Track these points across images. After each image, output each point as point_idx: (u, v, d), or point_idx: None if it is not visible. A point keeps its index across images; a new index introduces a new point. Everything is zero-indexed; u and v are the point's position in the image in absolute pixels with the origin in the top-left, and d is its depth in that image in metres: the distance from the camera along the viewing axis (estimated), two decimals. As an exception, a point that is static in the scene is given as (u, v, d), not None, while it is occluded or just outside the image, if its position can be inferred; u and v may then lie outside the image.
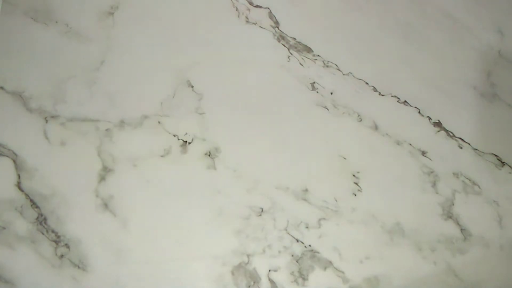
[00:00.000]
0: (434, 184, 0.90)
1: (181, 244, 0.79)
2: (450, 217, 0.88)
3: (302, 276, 0.83)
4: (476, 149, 0.93)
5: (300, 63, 0.96)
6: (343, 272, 0.83)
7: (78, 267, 0.81)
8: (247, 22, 0.99)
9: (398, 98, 0.96)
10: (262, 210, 0.85)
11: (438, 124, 0.94)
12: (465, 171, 0.92)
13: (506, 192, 0.91)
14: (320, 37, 0.99)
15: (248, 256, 0.83)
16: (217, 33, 0.98)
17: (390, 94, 0.96)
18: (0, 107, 0.91)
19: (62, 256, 0.83)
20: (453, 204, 0.89)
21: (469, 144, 0.94)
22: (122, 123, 0.90)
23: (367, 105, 0.95)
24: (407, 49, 1.00)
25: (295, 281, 0.83)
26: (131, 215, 0.84)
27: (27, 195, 0.86)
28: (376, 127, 0.93)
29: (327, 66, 0.97)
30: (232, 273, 0.83)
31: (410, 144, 0.92)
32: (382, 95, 0.96)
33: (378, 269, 0.83)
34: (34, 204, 0.85)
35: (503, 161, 0.93)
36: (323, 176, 0.89)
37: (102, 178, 0.87)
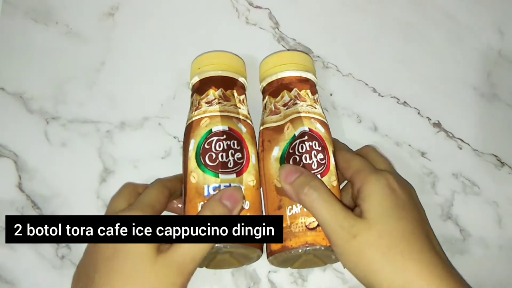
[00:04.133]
0: (433, 185, 0.90)
1: (181, 245, 0.78)
2: (449, 218, 0.88)
3: (301, 277, 0.83)
4: (475, 150, 0.93)
5: (300, 64, 0.96)
6: (342, 273, 0.83)
7: (79, 268, 0.81)
8: (247, 23, 0.99)
9: (397, 99, 0.95)
10: (262, 212, 0.84)
11: (437, 124, 0.94)
12: (465, 171, 0.92)
13: (505, 193, 0.91)
14: (320, 38, 0.99)
15: (248, 257, 0.83)
16: (217, 34, 0.98)
17: (390, 95, 0.96)
18: (1, 108, 0.91)
19: (63, 257, 0.83)
20: (452, 205, 0.89)
21: (468, 144, 0.94)
22: (122, 125, 0.91)
23: (366, 106, 0.95)
24: (407, 49, 1.00)
25: (295, 282, 0.83)
26: (131, 216, 0.84)
27: (28, 196, 0.86)
28: (375, 128, 0.93)
29: (327, 67, 0.97)
30: (232, 274, 0.83)
31: (409, 145, 0.92)
32: (382, 96, 0.96)
33: (378, 269, 0.83)
34: (35, 205, 0.85)
35: (503, 161, 0.93)
36: (322, 177, 0.89)
37: (103, 180, 0.87)
